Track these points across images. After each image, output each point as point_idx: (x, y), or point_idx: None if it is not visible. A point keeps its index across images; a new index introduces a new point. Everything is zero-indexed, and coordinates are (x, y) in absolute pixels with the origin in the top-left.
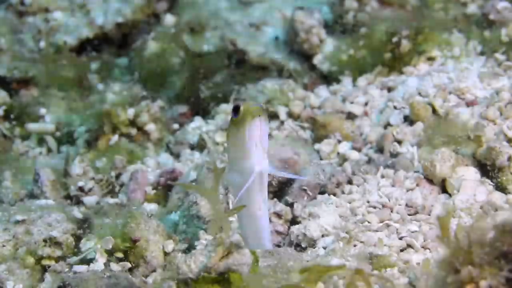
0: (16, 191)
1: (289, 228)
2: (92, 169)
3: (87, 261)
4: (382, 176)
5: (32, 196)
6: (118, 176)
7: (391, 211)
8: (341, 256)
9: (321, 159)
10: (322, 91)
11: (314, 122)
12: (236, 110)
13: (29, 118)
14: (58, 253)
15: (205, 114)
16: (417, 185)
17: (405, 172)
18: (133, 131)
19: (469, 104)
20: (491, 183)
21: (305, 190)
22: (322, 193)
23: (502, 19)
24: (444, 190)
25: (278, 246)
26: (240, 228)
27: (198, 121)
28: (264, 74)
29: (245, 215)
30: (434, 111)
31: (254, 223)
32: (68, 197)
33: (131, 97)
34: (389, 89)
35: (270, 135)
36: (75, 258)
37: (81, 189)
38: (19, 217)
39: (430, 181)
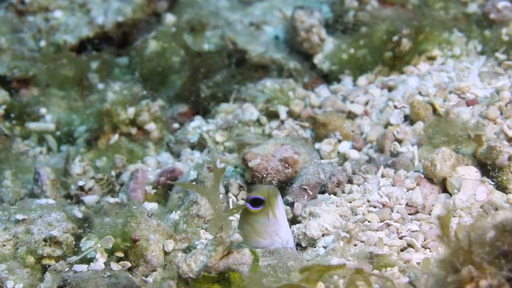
0: (16, 190)
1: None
2: (92, 168)
3: (87, 261)
4: (383, 176)
5: (32, 195)
6: (118, 175)
7: (392, 211)
8: (342, 255)
9: (321, 158)
10: (323, 90)
11: (314, 121)
12: (256, 202)
13: (29, 117)
14: (58, 252)
15: (205, 113)
16: (418, 184)
17: (406, 171)
18: (133, 130)
19: (470, 103)
20: (492, 182)
21: (305, 189)
22: (322, 192)
23: (502, 18)
24: (444, 189)
25: None
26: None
27: (198, 120)
28: (264, 74)
29: None
30: (434, 110)
31: None
32: (68, 196)
33: (131, 96)
34: (390, 88)
35: (270, 135)
36: (75, 258)
37: (81, 188)
38: (19, 216)
39: (431, 180)
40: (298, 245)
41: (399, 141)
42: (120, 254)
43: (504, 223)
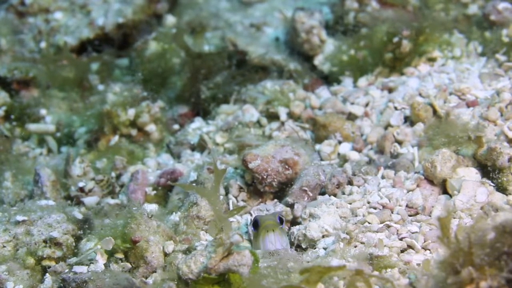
0: (16, 192)
1: (289, 229)
2: (93, 170)
3: (88, 262)
4: (383, 177)
5: (32, 196)
6: (118, 177)
7: (392, 212)
8: (342, 256)
9: (321, 159)
10: (323, 91)
11: (314, 122)
12: (255, 224)
13: (29, 118)
14: (58, 253)
15: (206, 114)
16: (418, 185)
17: (406, 172)
18: (134, 131)
19: (470, 104)
20: (492, 184)
21: (305, 190)
22: (322, 193)
23: (502, 19)
24: (444, 190)
25: None
26: None
27: (198, 121)
28: (265, 75)
29: None
30: (434, 111)
31: None
32: (68, 197)
33: (132, 97)
34: (390, 90)
35: (270, 137)
36: (75, 259)
37: (81, 189)
38: (19, 218)
39: (431, 181)
40: (298, 246)
41: (399, 143)
42: (120, 256)
43: (504, 224)
